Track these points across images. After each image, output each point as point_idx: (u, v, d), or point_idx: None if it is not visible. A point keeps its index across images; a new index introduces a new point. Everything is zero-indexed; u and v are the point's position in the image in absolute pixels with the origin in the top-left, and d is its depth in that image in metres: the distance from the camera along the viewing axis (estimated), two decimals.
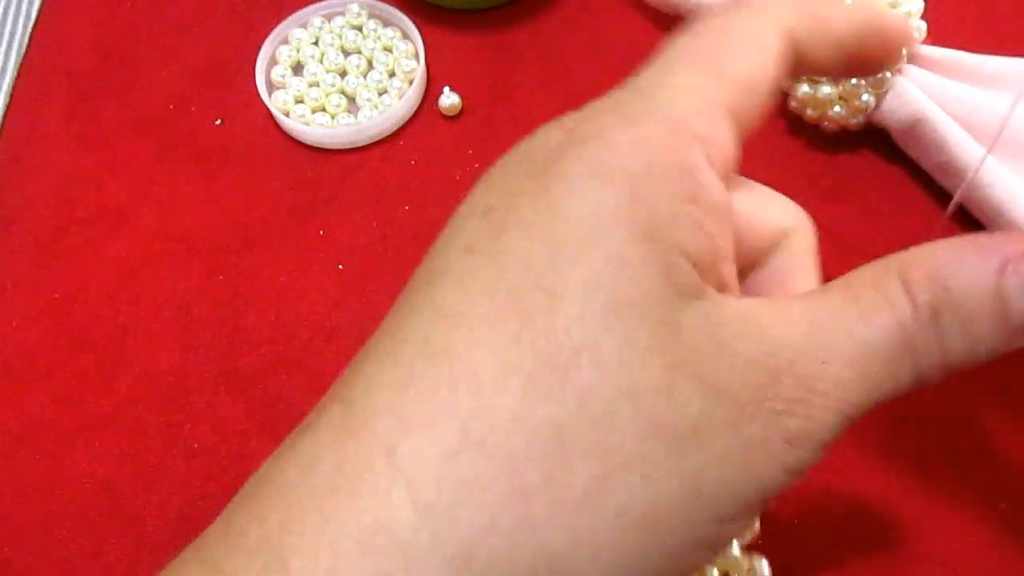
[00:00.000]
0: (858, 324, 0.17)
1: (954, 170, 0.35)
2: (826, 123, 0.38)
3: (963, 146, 0.35)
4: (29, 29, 0.44)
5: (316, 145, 0.40)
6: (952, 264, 0.18)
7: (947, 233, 0.20)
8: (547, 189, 0.17)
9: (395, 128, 0.40)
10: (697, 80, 0.18)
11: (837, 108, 0.37)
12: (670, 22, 0.42)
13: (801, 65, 0.21)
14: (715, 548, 0.17)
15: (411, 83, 0.40)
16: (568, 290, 0.16)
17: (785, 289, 0.21)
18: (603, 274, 0.16)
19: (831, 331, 0.18)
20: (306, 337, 0.36)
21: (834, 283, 0.19)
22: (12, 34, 0.45)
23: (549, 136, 0.19)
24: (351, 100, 0.41)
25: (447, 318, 0.17)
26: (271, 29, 0.42)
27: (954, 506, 0.31)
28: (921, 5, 0.36)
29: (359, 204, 0.39)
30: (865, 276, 0.19)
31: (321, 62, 0.42)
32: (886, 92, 0.36)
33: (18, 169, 0.40)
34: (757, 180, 0.38)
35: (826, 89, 0.36)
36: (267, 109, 0.40)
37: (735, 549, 0.29)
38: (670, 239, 0.16)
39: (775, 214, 0.22)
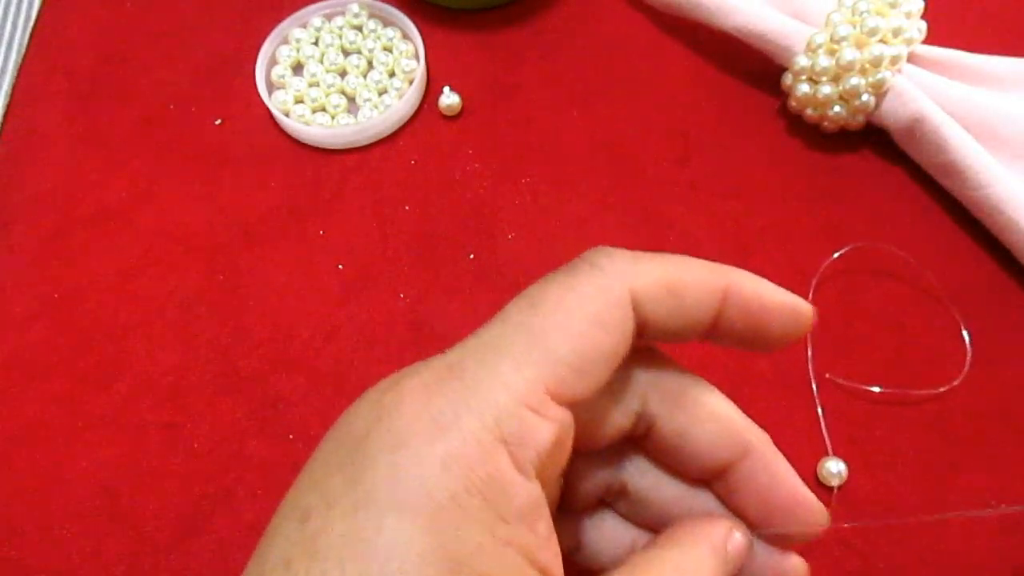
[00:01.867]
0: None
1: (954, 170, 0.35)
2: (826, 123, 0.38)
3: (963, 146, 0.35)
4: (29, 29, 0.44)
5: (316, 145, 0.40)
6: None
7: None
8: (355, 507, 0.17)
9: (395, 128, 0.40)
10: (520, 370, 0.18)
11: (837, 108, 0.37)
12: (670, 22, 0.42)
13: (653, 333, 0.20)
14: None
15: (411, 83, 0.40)
16: None
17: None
18: None
19: None
20: (306, 337, 0.36)
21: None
22: (12, 34, 0.45)
23: (359, 415, 0.18)
24: (351, 100, 0.41)
25: None
26: (271, 29, 0.42)
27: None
28: (921, 5, 0.37)
29: (359, 204, 0.39)
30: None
31: (321, 62, 0.42)
32: (886, 92, 0.36)
33: (18, 169, 0.40)
34: (757, 180, 0.38)
35: (826, 89, 0.36)
36: (267, 109, 0.40)
37: None
38: (476, 570, 0.16)
39: (714, 446, 0.22)
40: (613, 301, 0.19)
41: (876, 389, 0.33)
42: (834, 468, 0.31)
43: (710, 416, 0.22)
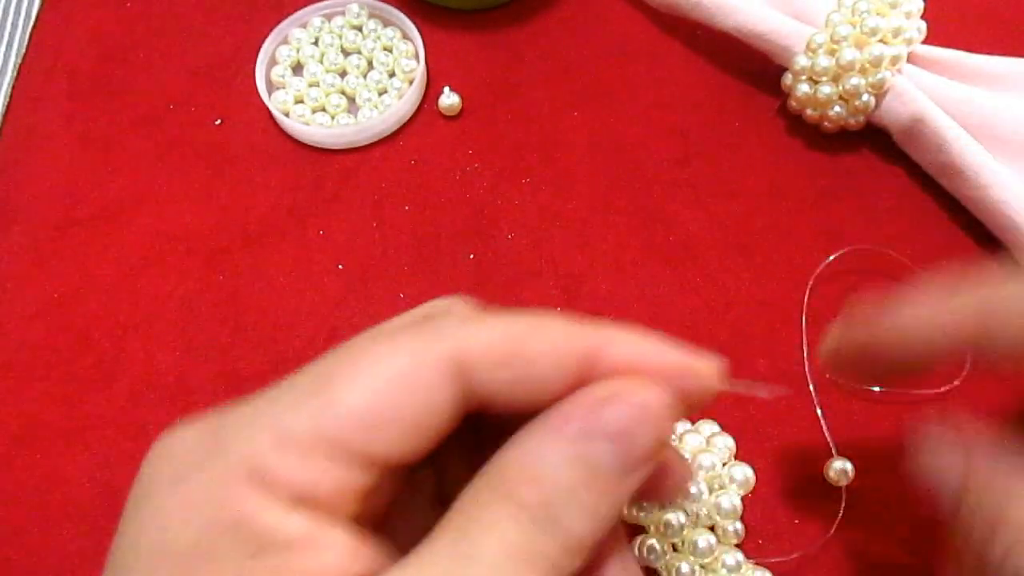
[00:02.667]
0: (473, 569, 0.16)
1: (954, 170, 0.35)
2: (826, 123, 0.38)
3: (963, 146, 0.35)
4: (29, 29, 0.44)
5: (316, 145, 0.40)
6: (537, 456, 0.17)
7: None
8: (114, 565, 0.17)
9: (395, 128, 0.40)
10: (294, 413, 0.17)
11: (837, 108, 0.37)
12: (670, 22, 0.42)
13: (498, 403, 0.18)
14: None
15: (411, 83, 0.40)
16: None
17: None
18: None
19: None
20: (306, 337, 0.36)
21: (441, 528, 0.17)
22: (12, 34, 0.45)
23: (145, 461, 0.19)
24: (351, 100, 0.41)
25: None
26: (271, 29, 0.42)
27: None
28: (921, 5, 0.36)
29: (359, 204, 0.39)
30: (469, 510, 0.17)
31: (321, 62, 0.42)
32: (886, 92, 0.36)
33: (18, 169, 0.40)
34: (757, 180, 0.38)
35: (826, 89, 0.36)
36: (267, 109, 0.40)
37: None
38: None
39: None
40: (428, 362, 0.17)
41: (876, 389, 0.33)
42: (841, 467, 0.31)
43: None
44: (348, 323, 0.36)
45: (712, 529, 0.29)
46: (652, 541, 0.28)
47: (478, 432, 0.20)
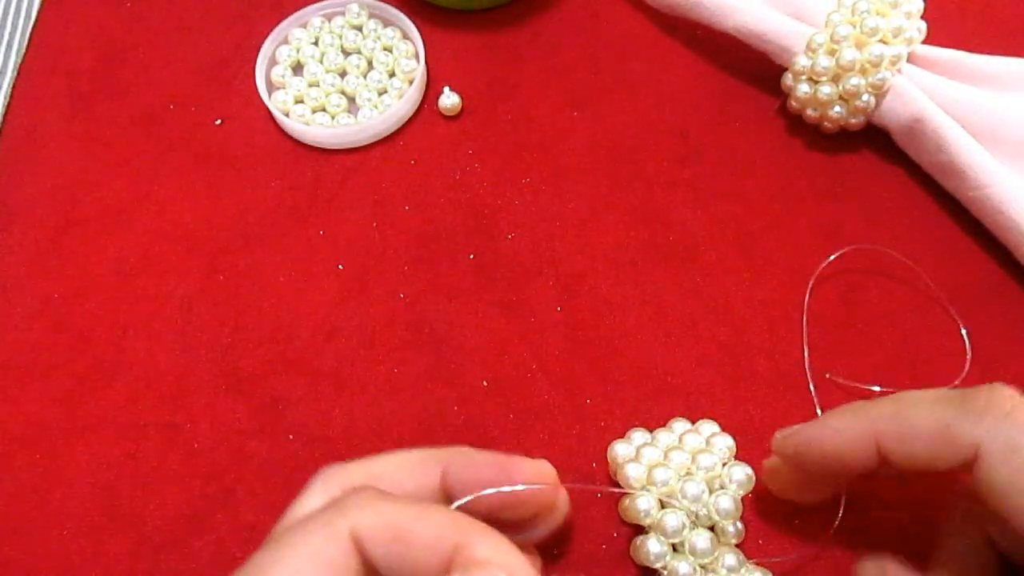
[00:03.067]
0: None
1: (954, 170, 0.35)
2: (826, 123, 0.38)
3: (963, 146, 0.35)
4: (29, 29, 0.44)
5: (316, 145, 0.40)
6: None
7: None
8: None
9: (395, 128, 0.40)
10: None
11: (837, 108, 0.37)
12: (670, 22, 0.42)
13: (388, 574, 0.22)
14: None
15: (411, 83, 0.40)
16: None
17: None
18: None
19: None
20: (306, 337, 0.36)
21: None
22: (12, 34, 0.45)
23: None
24: (351, 100, 0.41)
25: None
26: (271, 29, 0.42)
27: None
28: (921, 5, 0.36)
29: (359, 204, 0.39)
30: None
31: (321, 62, 0.42)
32: (886, 92, 0.36)
33: (18, 169, 0.40)
34: (757, 180, 0.38)
35: (826, 89, 0.36)
36: (267, 109, 0.40)
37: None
38: None
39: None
40: (334, 537, 0.21)
41: (876, 388, 0.33)
42: None
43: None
44: (348, 323, 0.36)
45: (712, 529, 0.29)
46: (652, 541, 0.28)
47: None
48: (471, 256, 0.37)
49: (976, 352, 0.34)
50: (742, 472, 0.29)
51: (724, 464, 0.30)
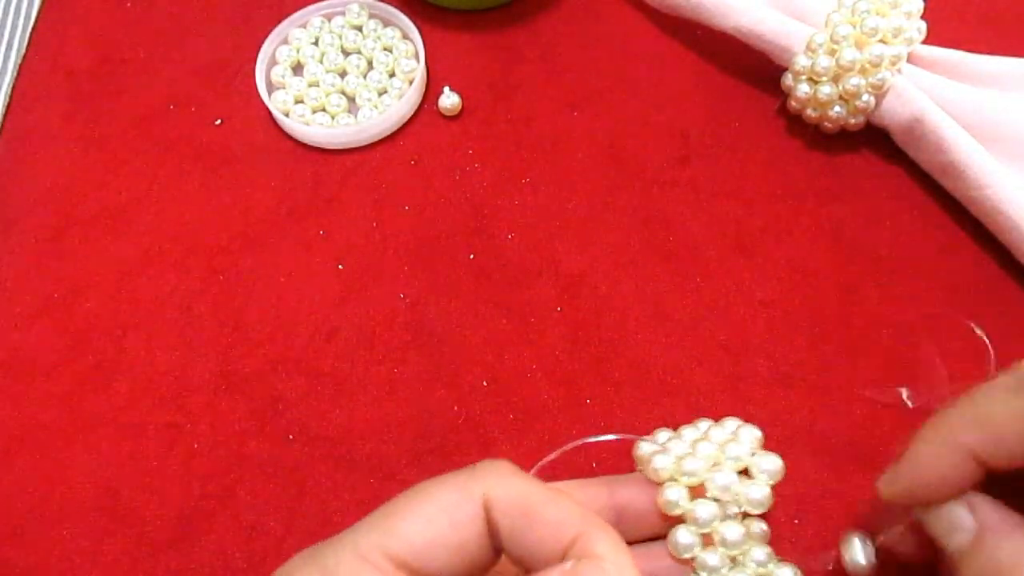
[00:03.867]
0: None
1: (954, 170, 0.35)
2: (826, 123, 0.38)
3: (963, 146, 0.35)
4: (29, 29, 0.44)
5: (316, 145, 0.40)
6: None
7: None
8: None
9: (395, 128, 0.40)
10: (368, 535, 0.22)
11: (837, 108, 0.37)
12: (670, 22, 0.42)
13: (508, 549, 0.23)
14: None
15: (411, 83, 0.40)
16: None
17: None
18: None
19: None
20: (306, 337, 0.36)
21: None
22: (12, 34, 0.45)
23: None
24: (351, 100, 0.41)
25: None
26: (271, 29, 0.42)
27: None
28: (921, 5, 0.36)
29: (359, 204, 0.39)
30: None
31: (321, 62, 0.42)
32: (886, 92, 0.36)
33: (18, 169, 0.40)
34: (757, 180, 0.38)
35: (826, 89, 0.36)
36: (267, 109, 0.40)
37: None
38: None
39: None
40: (466, 498, 0.22)
41: (907, 400, 0.32)
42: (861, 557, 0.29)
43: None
44: (348, 323, 0.36)
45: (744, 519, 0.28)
46: (682, 532, 0.27)
47: None
48: (471, 256, 0.37)
49: (976, 352, 0.34)
50: (772, 462, 0.28)
51: (752, 454, 0.29)
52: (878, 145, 0.38)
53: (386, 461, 0.33)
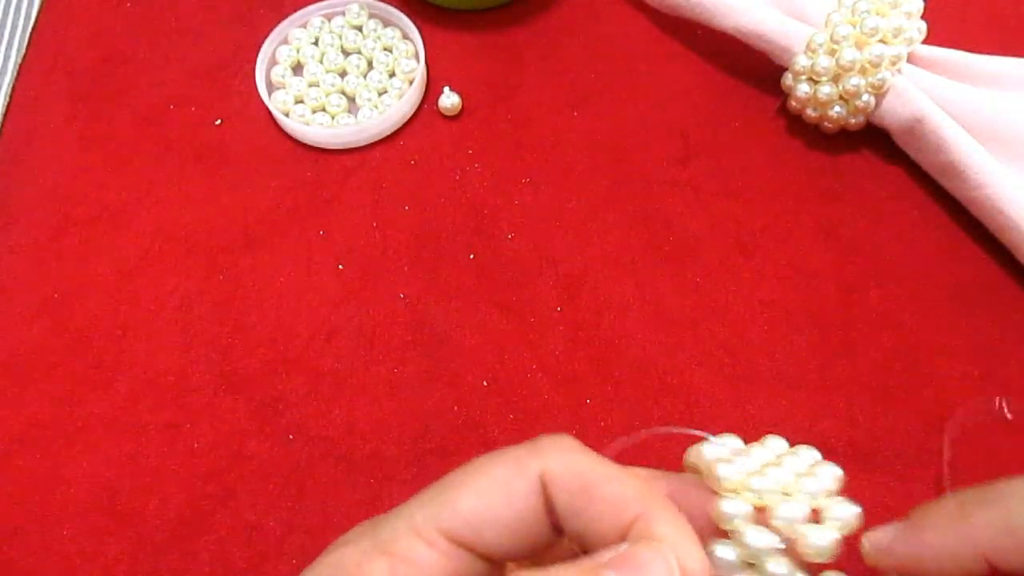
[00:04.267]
0: None
1: (954, 170, 0.35)
2: (826, 123, 0.38)
3: (963, 146, 0.35)
4: (29, 29, 0.44)
5: (316, 145, 0.40)
6: None
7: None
8: None
9: (395, 128, 0.40)
10: (422, 509, 0.22)
11: (837, 108, 0.37)
12: (670, 22, 0.42)
13: (564, 523, 0.22)
14: None
15: (411, 83, 0.40)
16: None
17: None
18: None
19: None
20: (306, 337, 0.36)
21: None
22: (12, 34, 0.45)
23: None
24: (351, 100, 0.41)
25: None
26: (271, 29, 0.42)
27: None
28: (921, 5, 0.36)
29: (359, 204, 0.39)
30: None
31: (321, 62, 0.42)
32: (886, 92, 0.36)
33: (18, 169, 0.40)
34: (757, 180, 0.38)
35: (826, 89, 0.36)
36: (267, 109, 0.40)
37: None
38: None
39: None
40: (522, 474, 0.21)
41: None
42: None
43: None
44: (348, 323, 0.36)
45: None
46: (726, 549, 0.24)
47: None
48: (471, 256, 0.37)
49: (976, 352, 0.34)
50: (849, 510, 0.24)
51: (828, 496, 0.24)
52: (878, 145, 0.38)
53: (386, 461, 0.33)
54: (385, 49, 0.42)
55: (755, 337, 0.35)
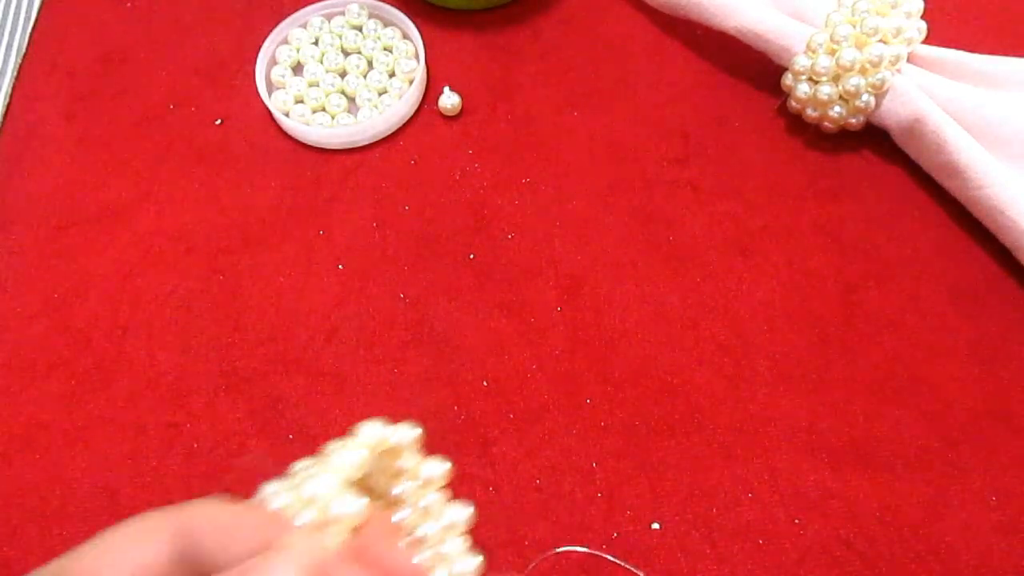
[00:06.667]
0: None
1: (954, 170, 0.35)
2: (826, 123, 0.38)
3: (963, 146, 0.35)
4: (29, 29, 0.44)
5: (316, 145, 0.40)
6: None
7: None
8: None
9: (395, 128, 0.40)
10: None
11: (837, 108, 0.37)
12: (670, 22, 0.42)
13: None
14: None
15: (411, 83, 0.40)
16: None
17: None
18: None
19: None
20: (306, 337, 0.36)
21: None
22: (12, 34, 0.45)
23: None
24: (351, 100, 0.41)
25: None
26: (271, 29, 0.42)
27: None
28: (921, 5, 0.36)
29: (359, 204, 0.39)
30: None
31: (321, 62, 0.42)
32: (886, 92, 0.36)
33: (18, 169, 0.40)
34: (757, 180, 0.38)
35: (826, 89, 0.36)
36: (267, 109, 0.40)
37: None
38: None
39: None
40: (150, 528, 0.22)
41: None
42: None
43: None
44: (348, 323, 0.36)
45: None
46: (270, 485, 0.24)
47: None
48: (471, 256, 0.37)
49: (976, 352, 0.34)
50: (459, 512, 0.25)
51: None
52: (878, 145, 0.38)
53: None
54: (385, 49, 0.42)
55: (755, 337, 0.35)
